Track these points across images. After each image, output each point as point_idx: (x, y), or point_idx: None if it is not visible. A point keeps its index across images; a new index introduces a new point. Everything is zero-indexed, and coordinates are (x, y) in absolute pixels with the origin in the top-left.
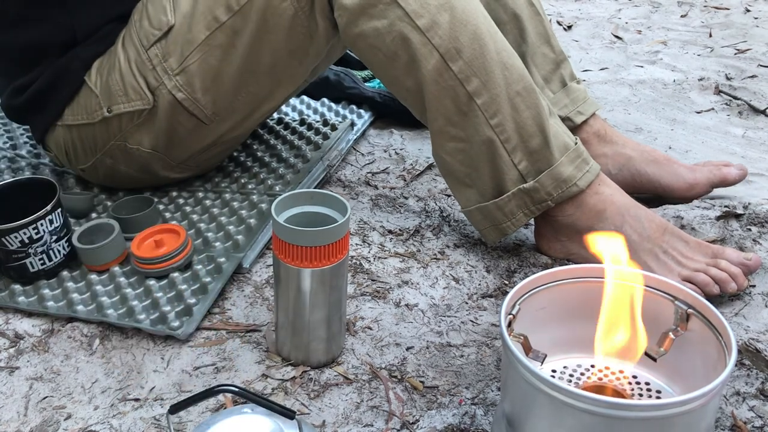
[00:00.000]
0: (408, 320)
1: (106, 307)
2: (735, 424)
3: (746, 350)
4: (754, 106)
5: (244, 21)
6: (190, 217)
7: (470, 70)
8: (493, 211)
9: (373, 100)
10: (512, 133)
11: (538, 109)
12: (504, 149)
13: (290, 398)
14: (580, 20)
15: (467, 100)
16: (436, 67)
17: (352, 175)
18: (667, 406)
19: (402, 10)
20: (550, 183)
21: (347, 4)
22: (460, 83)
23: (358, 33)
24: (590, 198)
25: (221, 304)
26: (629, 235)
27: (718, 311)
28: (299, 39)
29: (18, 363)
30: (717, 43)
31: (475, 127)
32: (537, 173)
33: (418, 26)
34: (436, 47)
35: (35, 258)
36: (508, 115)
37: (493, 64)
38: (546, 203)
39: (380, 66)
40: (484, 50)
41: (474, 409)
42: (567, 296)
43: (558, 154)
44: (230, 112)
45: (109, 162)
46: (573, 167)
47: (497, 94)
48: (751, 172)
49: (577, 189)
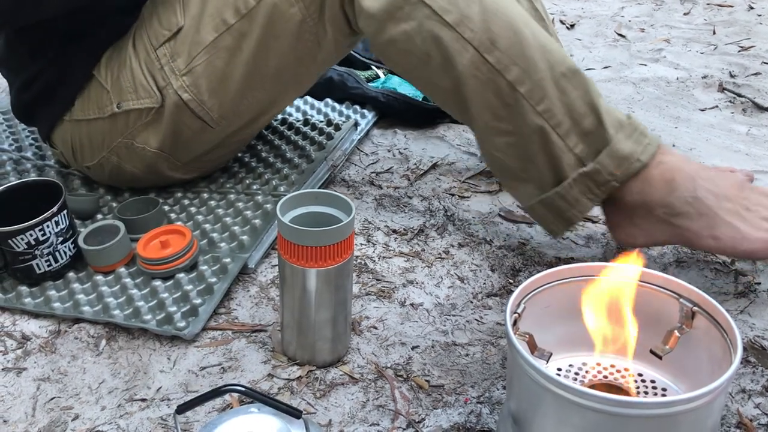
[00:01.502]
0: (413, 319)
1: (113, 308)
2: (741, 421)
3: (752, 348)
4: (758, 104)
5: (251, 25)
6: (196, 217)
7: (508, 59)
8: (555, 201)
9: (376, 100)
10: (563, 117)
11: (586, 87)
12: (556, 134)
13: (296, 398)
14: (583, 18)
15: (510, 90)
16: (472, 61)
17: (356, 175)
18: (673, 404)
19: (429, 9)
20: (611, 162)
21: (372, 12)
22: (499, 74)
23: (388, 39)
24: (655, 170)
25: (227, 305)
26: (705, 198)
27: (723, 309)
28: (307, 45)
29: (25, 364)
30: (720, 40)
31: (523, 116)
32: (595, 154)
33: (447, 22)
34: (469, 41)
35: (41, 259)
36: (556, 98)
37: (532, 50)
38: (610, 184)
39: (414, 70)
40: (520, 37)
41: (480, 408)
42: (572, 294)
43: (613, 130)
44: (236, 115)
45: (115, 160)
46: (632, 142)
47: (541, 78)
48: (755, 169)
49: (640, 164)
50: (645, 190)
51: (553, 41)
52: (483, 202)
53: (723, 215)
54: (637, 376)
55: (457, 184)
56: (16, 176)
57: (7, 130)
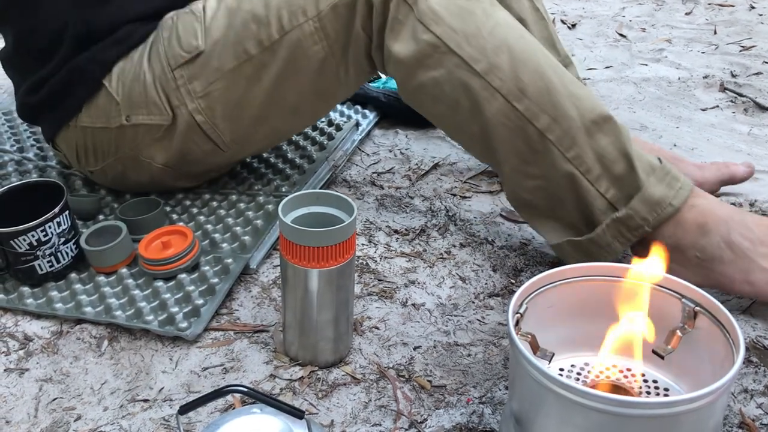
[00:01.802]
0: (415, 320)
1: (115, 308)
2: (743, 421)
3: (754, 347)
4: (760, 103)
5: (273, 57)
6: (197, 218)
7: (537, 107)
8: (587, 246)
9: (377, 100)
10: (593, 163)
11: (617, 133)
12: (587, 180)
13: (298, 398)
14: (584, 18)
15: (539, 138)
16: (501, 109)
17: (357, 176)
18: (675, 404)
19: (458, 58)
20: (643, 207)
21: (402, 58)
22: (528, 122)
23: (417, 85)
24: (688, 214)
25: (229, 305)
26: (739, 243)
27: (725, 309)
28: (327, 82)
29: (27, 365)
30: (722, 40)
31: (552, 162)
32: (627, 199)
33: (476, 71)
34: (498, 89)
35: (43, 260)
36: (586, 145)
37: (561, 98)
38: (642, 229)
39: (443, 116)
40: (549, 85)
41: (482, 408)
42: (574, 295)
43: (645, 175)
44: (247, 141)
45: (119, 168)
46: (664, 186)
47: (570, 126)
48: (757, 169)
49: (672, 209)
50: (677, 233)
51: (582, 87)
52: (484, 202)
53: (758, 260)
54: (640, 376)
55: (459, 184)
56: (17, 177)
57: (9, 131)
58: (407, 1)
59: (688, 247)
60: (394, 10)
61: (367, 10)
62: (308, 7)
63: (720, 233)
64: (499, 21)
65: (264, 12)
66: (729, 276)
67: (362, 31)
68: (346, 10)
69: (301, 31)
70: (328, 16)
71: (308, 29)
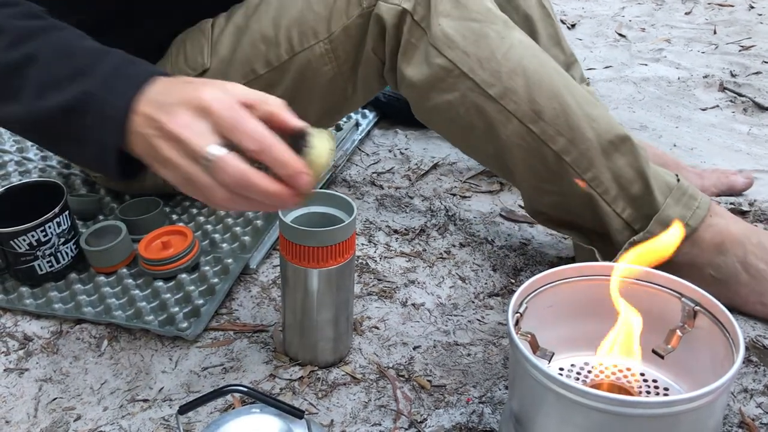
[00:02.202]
0: (415, 319)
1: (114, 308)
2: (743, 421)
3: (754, 347)
4: (759, 103)
5: (282, 77)
6: (197, 218)
7: (554, 129)
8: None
9: (377, 100)
10: (610, 184)
11: (634, 154)
12: (603, 201)
13: (298, 398)
14: (584, 18)
15: (556, 159)
16: (516, 132)
17: (357, 175)
18: (675, 403)
19: (472, 81)
20: (660, 229)
21: (415, 82)
22: (544, 144)
23: (431, 107)
24: (705, 233)
25: (228, 305)
26: (755, 265)
27: (725, 308)
28: (335, 99)
29: (27, 365)
30: (721, 40)
31: (569, 183)
32: (643, 219)
33: (491, 95)
34: (513, 113)
35: (43, 260)
36: (603, 166)
37: (578, 119)
38: None
39: (457, 136)
40: (565, 107)
41: (482, 408)
42: (574, 294)
43: (661, 196)
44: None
45: None
46: (681, 207)
47: (587, 148)
48: (756, 168)
49: (689, 229)
50: (693, 251)
51: (597, 106)
52: (484, 202)
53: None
54: (640, 375)
55: (458, 184)
56: (17, 177)
57: (8, 131)
58: (420, 25)
59: (704, 265)
60: (408, 33)
61: (378, 32)
62: (319, 28)
63: (736, 254)
64: (514, 43)
65: (273, 32)
66: (743, 296)
67: (372, 53)
68: (358, 31)
69: (312, 53)
70: (340, 38)
71: (319, 50)
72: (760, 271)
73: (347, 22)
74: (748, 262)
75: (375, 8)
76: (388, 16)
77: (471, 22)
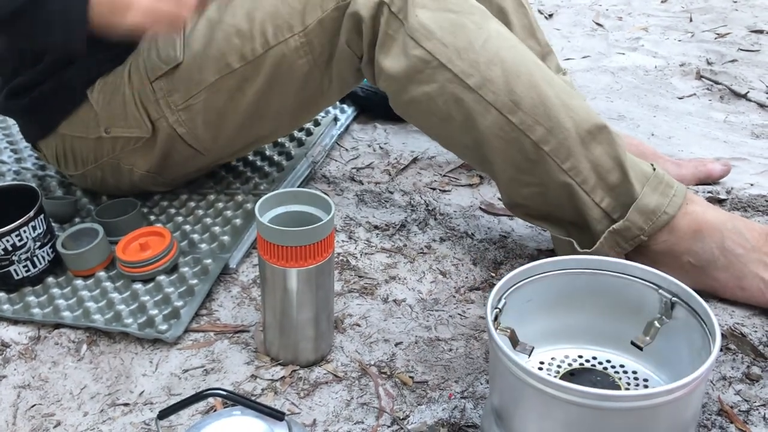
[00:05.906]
0: (396, 316)
1: (93, 312)
2: (722, 408)
3: (732, 335)
4: (735, 91)
5: (256, 71)
6: (175, 219)
7: (532, 119)
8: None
9: (355, 94)
10: (588, 174)
11: (611, 143)
12: (582, 191)
13: (280, 398)
14: (561, 8)
15: (534, 149)
16: (495, 122)
17: (336, 171)
18: (652, 396)
19: (450, 72)
20: (639, 218)
21: (393, 73)
22: (523, 134)
23: (409, 100)
24: (682, 221)
25: (208, 306)
26: (733, 250)
27: (701, 299)
28: (310, 93)
29: (5, 371)
30: (697, 27)
31: (548, 173)
32: (621, 207)
33: (469, 86)
34: (492, 103)
35: (19, 265)
36: (581, 155)
37: (556, 109)
38: (638, 238)
39: (435, 128)
40: (543, 97)
41: (464, 403)
42: (553, 287)
43: (639, 185)
44: (229, 146)
45: (99, 174)
46: (658, 195)
47: (565, 137)
48: (733, 156)
49: (667, 217)
50: (671, 239)
51: (575, 96)
52: (464, 196)
53: (750, 266)
54: (620, 367)
55: (438, 178)
56: None
57: None
58: (398, 17)
59: (681, 253)
60: (385, 25)
61: (353, 25)
62: (294, 22)
63: (713, 240)
64: (492, 33)
65: (248, 26)
66: (722, 281)
67: (347, 45)
68: (333, 24)
69: (287, 46)
70: (315, 31)
71: (294, 44)
72: (737, 256)
73: (322, 15)
74: (725, 247)
75: (351, 1)
76: (365, 8)
77: (448, 12)
